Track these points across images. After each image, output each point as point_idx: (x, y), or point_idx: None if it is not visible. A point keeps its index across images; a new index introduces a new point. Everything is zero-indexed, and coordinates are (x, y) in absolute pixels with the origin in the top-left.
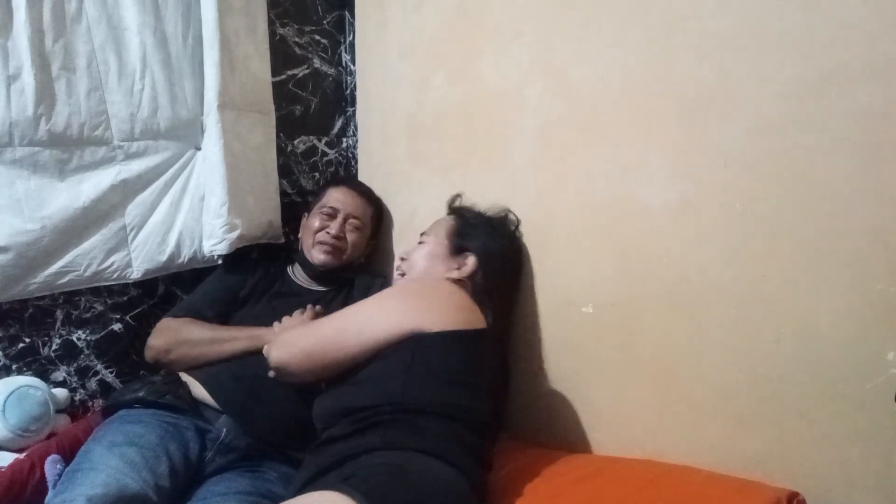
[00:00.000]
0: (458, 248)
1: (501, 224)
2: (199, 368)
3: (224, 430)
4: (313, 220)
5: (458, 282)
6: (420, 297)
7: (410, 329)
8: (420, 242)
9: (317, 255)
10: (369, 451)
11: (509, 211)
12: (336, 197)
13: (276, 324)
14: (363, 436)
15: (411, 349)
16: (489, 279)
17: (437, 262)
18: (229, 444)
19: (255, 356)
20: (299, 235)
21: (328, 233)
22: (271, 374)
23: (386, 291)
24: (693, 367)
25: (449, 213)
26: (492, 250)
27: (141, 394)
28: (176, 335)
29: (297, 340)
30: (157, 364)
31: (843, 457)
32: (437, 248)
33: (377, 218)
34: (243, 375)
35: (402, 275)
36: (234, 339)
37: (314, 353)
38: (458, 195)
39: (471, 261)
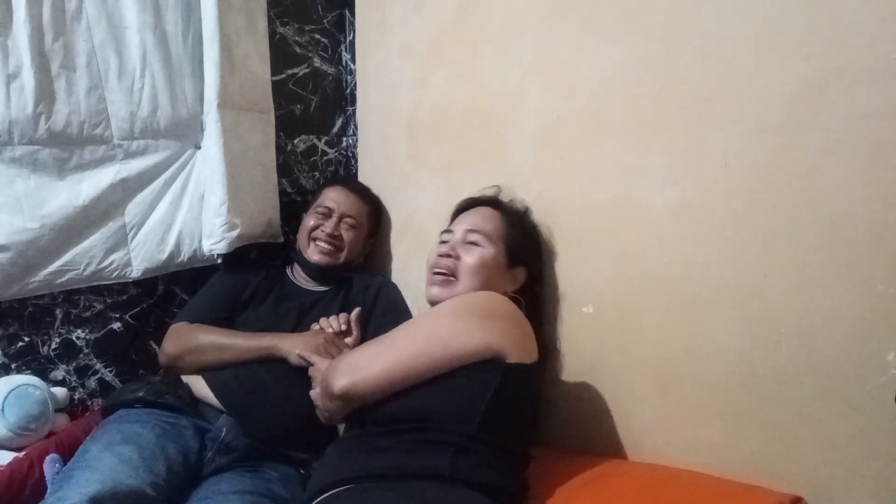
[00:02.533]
0: (513, 260)
1: (538, 230)
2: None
3: (224, 429)
4: (308, 220)
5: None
6: (499, 318)
7: (495, 351)
8: (471, 242)
9: (313, 255)
10: (434, 479)
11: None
12: (331, 196)
13: (289, 339)
14: (429, 455)
15: (497, 378)
16: (530, 293)
17: (494, 273)
18: (229, 444)
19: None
20: (297, 236)
21: (323, 231)
22: (314, 393)
23: (460, 306)
24: (693, 367)
25: (494, 207)
26: (540, 264)
27: (140, 394)
28: (187, 342)
29: (368, 364)
30: (168, 368)
31: (844, 457)
32: (498, 258)
33: (374, 217)
34: (247, 376)
35: (450, 275)
36: (244, 349)
37: (393, 375)
38: (499, 188)
39: (521, 276)
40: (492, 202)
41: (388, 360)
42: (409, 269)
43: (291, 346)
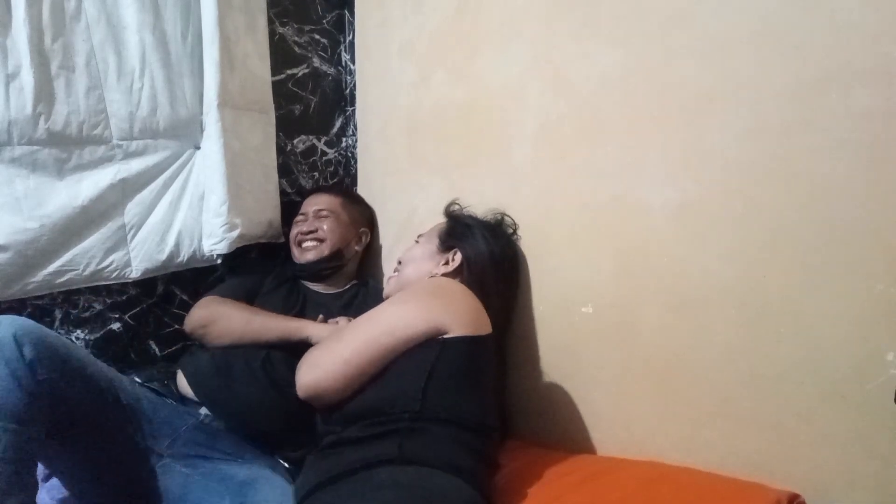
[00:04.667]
0: (446, 245)
1: (494, 226)
2: (184, 358)
3: (204, 412)
4: (291, 230)
5: (446, 276)
6: (439, 296)
7: (437, 326)
8: (415, 242)
9: (301, 256)
10: (384, 463)
11: (505, 215)
12: (306, 202)
13: (314, 323)
14: (378, 443)
15: (435, 353)
16: (476, 274)
17: (426, 259)
18: (209, 425)
19: (242, 349)
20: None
21: (300, 231)
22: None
23: (403, 294)
24: (693, 367)
25: (445, 218)
26: (479, 246)
27: (131, 372)
28: (218, 310)
29: (325, 359)
30: (192, 334)
31: (843, 457)
32: (428, 247)
33: (351, 206)
34: (224, 367)
35: (396, 273)
36: (269, 327)
37: (347, 366)
38: (455, 201)
39: (458, 256)
40: (446, 214)
41: (342, 352)
42: None
43: (317, 330)
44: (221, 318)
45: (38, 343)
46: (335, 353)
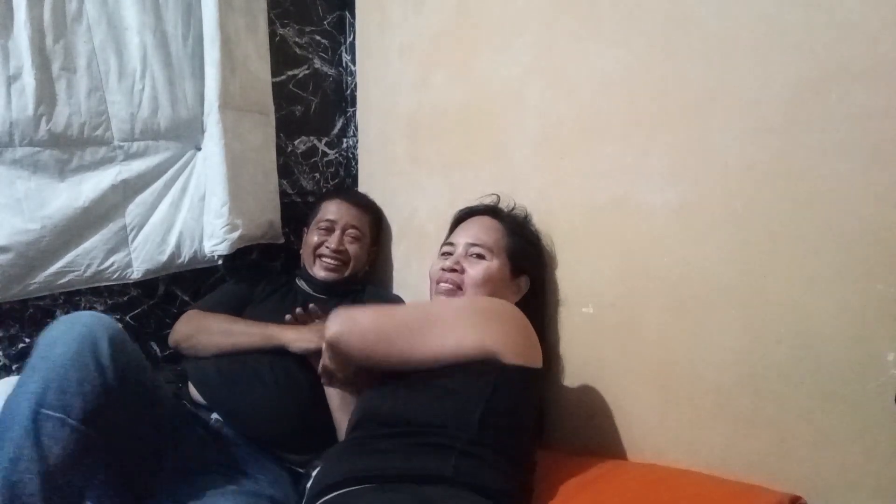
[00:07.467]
0: (517, 269)
1: (540, 238)
2: (190, 363)
3: (215, 415)
4: (311, 236)
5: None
6: (500, 320)
7: (490, 350)
8: (475, 255)
9: (319, 271)
10: (438, 480)
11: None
12: (331, 209)
13: (291, 328)
14: (430, 457)
15: (493, 378)
16: (533, 299)
17: (500, 284)
18: (219, 430)
19: (245, 354)
20: (300, 252)
21: (328, 247)
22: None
23: (463, 304)
24: (693, 367)
25: (493, 216)
26: (543, 271)
27: None
28: (199, 324)
29: (367, 320)
30: (176, 348)
31: (844, 458)
32: (504, 271)
33: (375, 225)
34: (230, 372)
35: (457, 287)
36: (248, 334)
37: (384, 338)
38: (498, 196)
39: (524, 284)
40: (491, 211)
41: (386, 322)
42: (409, 269)
43: (293, 335)
44: (202, 332)
45: (127, 350)
46: (379, 320)
